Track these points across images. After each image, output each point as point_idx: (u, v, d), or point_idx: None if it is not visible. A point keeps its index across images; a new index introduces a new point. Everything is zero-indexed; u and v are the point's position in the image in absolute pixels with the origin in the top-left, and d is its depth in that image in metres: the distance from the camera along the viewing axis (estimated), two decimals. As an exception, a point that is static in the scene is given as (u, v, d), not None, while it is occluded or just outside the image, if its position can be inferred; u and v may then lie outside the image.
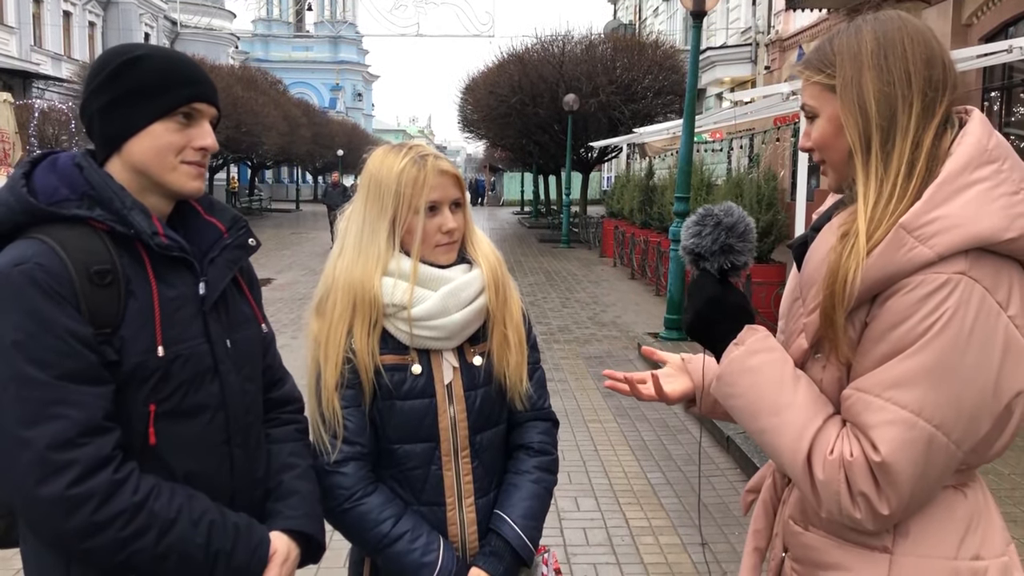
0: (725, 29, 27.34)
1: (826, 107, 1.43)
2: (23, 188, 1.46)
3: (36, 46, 32.38)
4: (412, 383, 1.78)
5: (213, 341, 1.57)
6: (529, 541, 1.83)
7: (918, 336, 1.28)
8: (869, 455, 1.31)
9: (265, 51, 71.78)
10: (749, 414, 1.44)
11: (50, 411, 1.36)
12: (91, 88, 1.52)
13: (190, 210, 1.63)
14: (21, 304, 1.37)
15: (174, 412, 1.50)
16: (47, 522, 1.38)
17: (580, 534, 4.52)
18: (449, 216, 1.79)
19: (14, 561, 4.08)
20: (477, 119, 30.73)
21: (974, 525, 1.39)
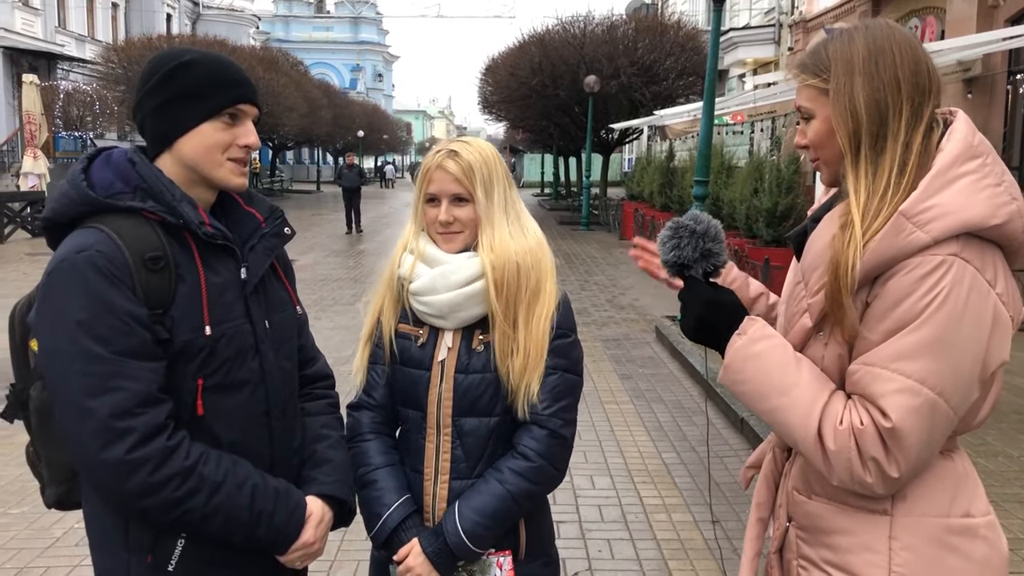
0: (748, 10, 27.12)
1: (821, 109, 1.56)
2: (83, 182, 1.60)
3: (60, 27, 32.64)
4: (412, 352, 1.95)
5: (254, 321, 1.71)
6: (467, 535, 1.84)
7: (919, 312, 1.41)
8: (879, 422, 1.42)
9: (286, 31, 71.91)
10: (759, 396, 1.54)
11: (111, 384, 1.49)
12: (145, 90, 1.64)
13: (231, 201, 1.76)
14: (84, 287, 1.51)
15: (219, 386, 1.64)
16: (108, 483, 1.52)
17: (595, 511, 4.63)
18: (443, 210, 1.91)
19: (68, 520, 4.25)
20: (497, 100, 30.70)
21: (962, 487, 1.53)
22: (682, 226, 1.62)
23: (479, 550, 1.86)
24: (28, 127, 21.27)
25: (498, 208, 1.93)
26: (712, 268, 1.62)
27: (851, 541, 1.53)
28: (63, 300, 1.52)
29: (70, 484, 1.72)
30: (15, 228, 18.05)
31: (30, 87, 21.37)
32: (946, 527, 1.50)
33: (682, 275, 1.64)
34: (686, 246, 1.61)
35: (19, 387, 1.73)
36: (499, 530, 1.88)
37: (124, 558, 1.63)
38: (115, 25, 37.93)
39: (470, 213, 1.91)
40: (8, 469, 5.09)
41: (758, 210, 10.95)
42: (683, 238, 1.62)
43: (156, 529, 1.61)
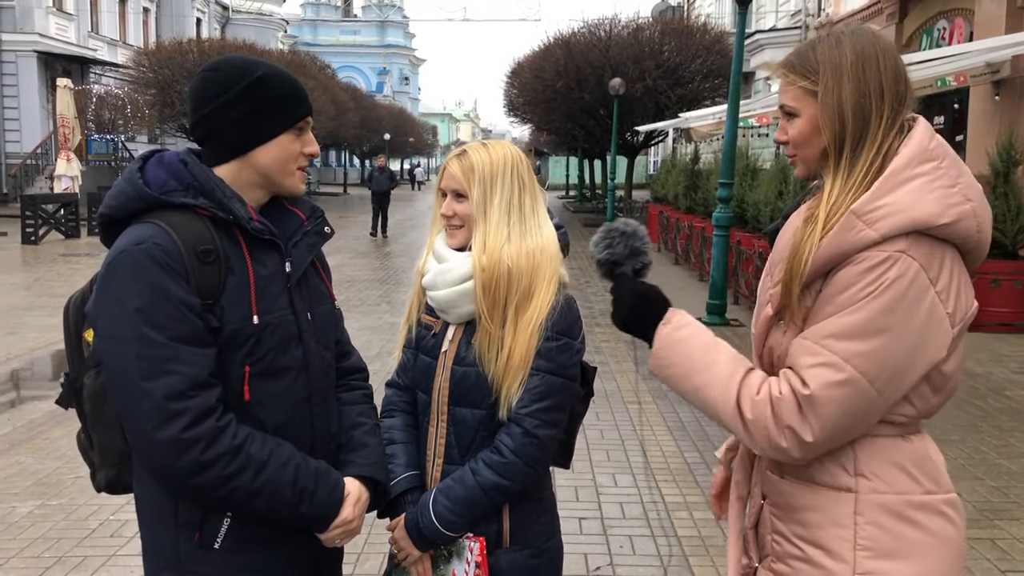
0: (775, 12, 27.01)
1: (806, 109, 1.64)
2: (139, 180, 1.71)
3: (93, 32, 33.18)
4: (426, 342, 2.10)
5: (297, 312, 1.81)
6: (437, 519, 1.96)
7: (858, 299, 1.52)
8: (798, 389, 1.55)
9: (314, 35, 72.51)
10: (684, 376, 1.69)
11: (166, 367, 1.60)
12: (221, 101, 1.73)
13: (276, 200, 1.87)
14: (143, 276, 1.62)
15: (265, 372, 1.74)
16: (162, 461, 1.62)
17: (617, 508, 4.69)
18: (446, 203, 2.04)
19: (104, 512, 4.38)
20: (523, 103, 30.82)
21: (920, 467, 1.63)
22: (613, 228, 1.77)
23: (450, 533, 1.97)
24: (62, 130, 21.66)
25: (498, 209, 1.99)
26: (640, 265, 1.77)
27: (820, 517, 1.63)
28: (122, 288, 1.62)
29: (120, 468, 1.82)
30: (49, 229, 18.38)
31: (64, 91, 21.77)
32: (907, 503, 1.60)
33: (613, 274, 1.78)
34: (617, 244, 1.75)
35: (73, 376, 1.83)
36: (469, 517, 1.97)
37: (174, 535, 1.73)
38: (146, 30, 38.47)
39: (467, 209, 2.01)
40: (47, 462, 5.24)
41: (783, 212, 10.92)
42: (614, 238, 1.76)
43: (204, 508, 1.70)
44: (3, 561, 3.96)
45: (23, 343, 8.71)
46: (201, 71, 1.80)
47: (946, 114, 17.00)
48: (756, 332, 1.73)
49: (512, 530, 2.03)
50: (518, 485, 1.98)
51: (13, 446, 5.61)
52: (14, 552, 4.05)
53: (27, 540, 4.18)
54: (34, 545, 4.13)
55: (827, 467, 1.62)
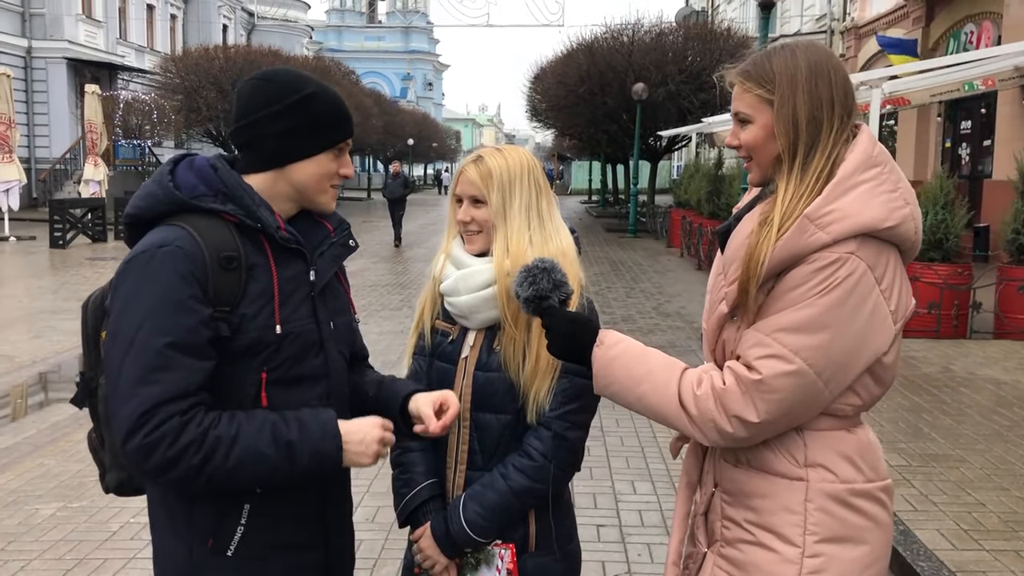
0: (800, 16, 26.86)
1: (760, 116, 1.72)
2: (170, 183, 1.71)
3: (121, 39, 33.62)
4: (443, 348, 2.08)
5: (320, 321, 1.81)
6: (468, 525, 1.96)
7: (808, 296, 1.62)
8: (745, 376, 1.65)
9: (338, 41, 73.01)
10: (625, 390, 1.76)
11: (152, 376, 1.58)
12: (268, 112, 1.73)
13: (305, 212, 1.86)
14: (158, 278, 1.62)
15: (282, 380, 1.73)
16: (132, 465, 1.64)
17: (636, 516, 4.66)
18: (464, 210, 2.04)
19: (125, 514, 4.41)
20: (545, 108, 30.85)
21: (863, 457, 1.75)
22: (532, 267, 1.81)
23: (481, 539, 1.97)
24: (90, 136, 21.96)
25: (519, 213, 2.01)
26: (565, 296, 1.81)
27: (772, 504, 1.73)
28: (136, 287, 1.63)
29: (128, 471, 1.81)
30: (76, 234, 18.62)
31: (92, 97, 22.07)
32: (851, 491, 1.71)
33: (540, 310, 1.81)
34: (540, 279, 1.79)
35: (88, 375, 1.84)
36: (500, 523, 1.97)
37: (187, 542, 1.72)
38: (173, 36, 38.92)
39: (485, 215, 2.01)
40: (69, 464, 5.29)
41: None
42: (536, 275, 1.79)
43: (219, 514, 1.70)
44: (25, 563, 4.00)
45: (49, 346, 8.81)
46: (252, 79, 1.80)
47: (973, 118, 16.81)
48: (709, 328, 1.80)
49: (537, 534, 2.04)
50: (549, 489, 1.98)
51: (37, 448, 5.68)
52: (36, 554, 4.09)
53: (49, 542, 4.22)
54: (56, 547, 4.17)
55: (780, 457, 1.72)
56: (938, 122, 17.83)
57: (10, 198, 19.38)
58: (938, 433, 5.82)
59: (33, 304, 11.31)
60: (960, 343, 8.70)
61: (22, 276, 14.18)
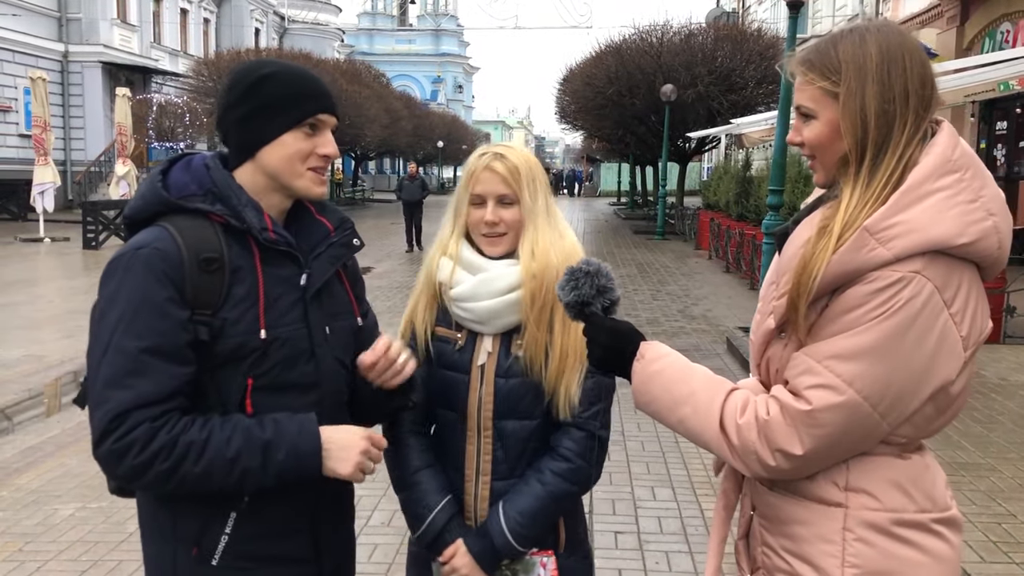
0: (831, 16, 26.53)
1: (825, 111, 1.53)
2: (159, 183, 1.69)
3: (155, 43, 34.04)
4: (452, 356, 1.98)
5: (312, 326, 1.74)
6: (512, 535, 1.90)
7: (865, 321, 1.43)
8: (793, 407, 1.48)
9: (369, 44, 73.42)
10: (666, 410, 1.63)
11: (125, 381, 1.55)
12: (227, 102, 1.72)
13: (304, 209, 1.82)
14: (133, 282, 1.59)
15: (269, 387, 1.68)
16: (105, 471, 1.63)
17: (655, 522, 4.59)
18: (490, 210, 1.93)
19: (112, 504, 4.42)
20: (574, 110, 30.72)
21: (916, 484, 1.56)
22: (576, 270, 1.72)
23: (523, 549, 1.92)
24: (120, 138, 22.24)
25: (541, 212, 1.96)
26: (609, 303, 1.72)
27: (808, 532, 1.57)
28: (115, 290, 1.60)
29: None
30: (109, 235, 18.86)
31: (122, 100, 22.34)
32: (898, 520, 1.53)
33: (583, 315, 1.72)
34: (583, 285, 1.70)
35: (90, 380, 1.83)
36: (541, 529, 1.93)
37: (171, 549, 1.69)
38: (206, 40, 39.34)
39: (516, 215, 1.94)
40: (90, 465, 5.30)
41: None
42: (579, 279, 1.70)
43: (203, 521, 1.66)
44: (42, 563, 4.02)
45: (79, 346, 8.88)
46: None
47: (1009, 119, 16.49)
48: (756, 341, 1.66)
49: (567, 535, 2.02)
50: (584, 490, 1.97)
51: (60, 448, 5.73)
52: (52, 555, 4.11)
53: (66, 543, 4.25)
54: (72, 548, 4.19)
55: (818, 481, 1.56)
56: (972, 123, 17.51)
57: (45, 200, 19.67)
58: (968, 441, 5.69)
59: (65, 304, 11.45)
60: (993, 348, 8.51)
61: (55, 277, 14.38)
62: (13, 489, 4.99)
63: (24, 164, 24.23)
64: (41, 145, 19.62)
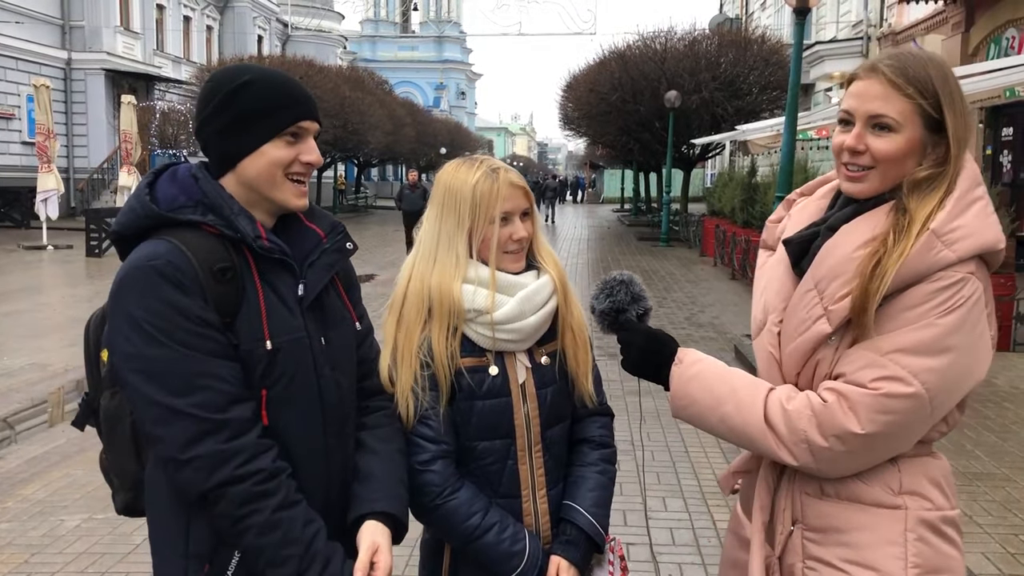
0: (836, 22, 26.50)
1: (910, 127, 1.58)
2: (147, 196, 1.64)
3: (158, 50, 34.07)
4: (490, 383, 1.89)
5: (310, 336, 1.70)
6: (600, 527, 1.94)
7: (929, 315, 1.53)
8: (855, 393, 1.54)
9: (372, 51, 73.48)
10: (707, 410, 1.68)
11: (198, 383, 1.53)
12: (206, 112, 1.66)
13: (293, 217, 1.77)
14: (156, 294, 1.54)
15: (280, 398, 1.65)
16: (198, 476, 1.54)
17: (667, 534, 4.54)
18: (520, 226, 1.91)
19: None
20: (578, 116, 30.73)
21: (948, 482, 1.69)
22: (610, 279, 1.82)
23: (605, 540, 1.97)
24: (124, 145, 22.23)
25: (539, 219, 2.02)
26: (643, 311, 1.80)
27: (871, 537, 1.60)
28: (137, 307, 1.54)
29: (136, 492, 1.75)
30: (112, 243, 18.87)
31: (127, 107, 22.34)
32: (943, 518, 1.63)
33: (617, 324, 1.81)
34: (618, 292, 1.79)
35: (91, 395, 1.79)
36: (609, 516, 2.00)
37: (182, 565, 1.65)
38: (209, 47, 39.36)
39: (531, 227, 1.95)
40: (96, 475, 5.22)
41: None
42: (614, 287, 1.80)
43: (216, 539, 1.62)
44: (48, 575, 3.97)
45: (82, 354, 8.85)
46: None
47: (1015, 125, 16.45)
48: (796, 350, 1.66)
49: None
50: None
51: (65, 458, 5.68)
52: (59, 567, 4.06)
53: (72, 555, 4.20)
54: (79, 560, 4.14)
55: (874, 486, 1.61)
56: (979, 128, 17.47)
57: (49, 207, 19.65)
58: (982, 451, 5.63)
59: (68, 312, 11.42)
60: (1004, 356, 8.46)
61: (58, 285, 14.35)
62: (19, 500, 4.94)
63: (27, 171, 24.22)
64: (44, 152, 19.61)
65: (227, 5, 40.66)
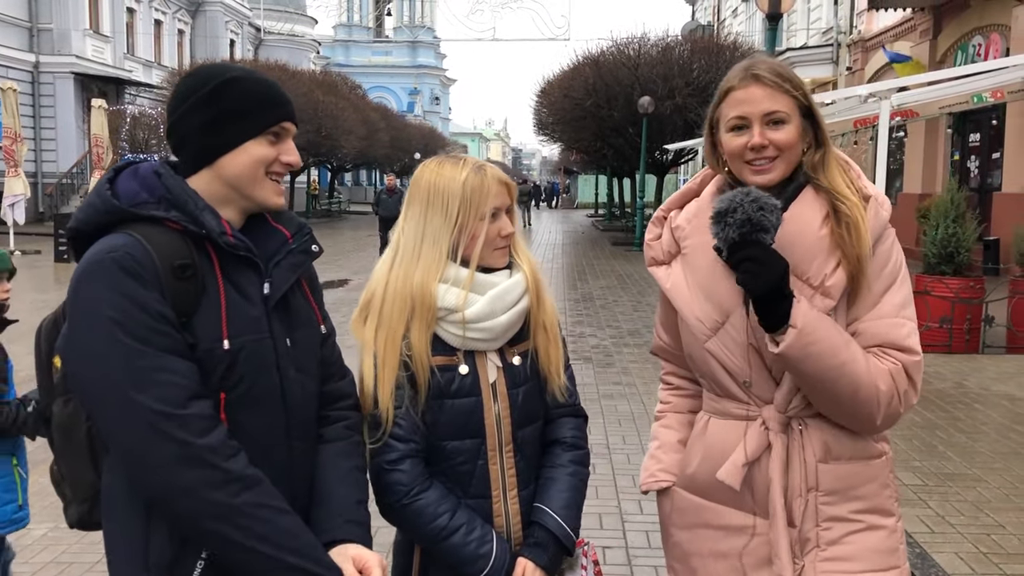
0: (806, 29, 26.81)
1: (795, 117, 1.80)
2: (107, 191, 1.59)
3: (129, 54, 33.74)
4: (460, 382, 1.87)
5: (275, 337, 1.66)
6: (571, 530, 1.92)
7: (900, 269, 1.81)
8: (908, 359, 1.75)
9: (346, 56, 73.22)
10: (830, 353, 1.69)
11: (157, 377, 1.47)
12: (187, 106, 1.63)
13: (259, 217, 1.73)
14: (116, 287, 1.49)
15: (240, 401, 1.59)
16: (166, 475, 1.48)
17: (643, 537, 4.53)
18: (507, 221, 1.92)
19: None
20: (552, 122, 30.82)
21: None
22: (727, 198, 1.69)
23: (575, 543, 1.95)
24: (96, 150, 21.96)
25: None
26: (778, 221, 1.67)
27: (875, 486, 1.83)
28: (96, 299, 1.49)
29: (92, 503, 1.69)
30: (81, 248, 18.62)
31: (98, 111, 22.08)
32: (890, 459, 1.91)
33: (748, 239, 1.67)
34: (746, 206, 1.66)
35: (43, 403, 1.73)
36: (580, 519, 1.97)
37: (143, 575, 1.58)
38: (181, 51, 39.06)
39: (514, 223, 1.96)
40: (63, 483, 5.18)
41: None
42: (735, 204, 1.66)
43: (177, 548, 1.56)
44: (14, 586, 3.89)
45: (50, 361, 8.72)
46: (181, 76, 1.70)
47: (982, 131, 16.70)
48: None
49: None
50: None
51: (33, 467, 5.55)
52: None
53: (39, 564, 4.12)
54: (46, 569, 4.07)
55: (871, 441, 1.83)
56: (947, 134, 17.72)
57: (16, 212, 19.36)
58: (953, 451, 5.68)
59: (34, 319, 11.18)
60: (973, 358, 8.56)
61: (26, 290, 14.12)
62: (-17, 509, 4.83)
63: (-6, 176, 23.87)
64: (11, 156, 19.33)
65: (199, 9, 40.38)
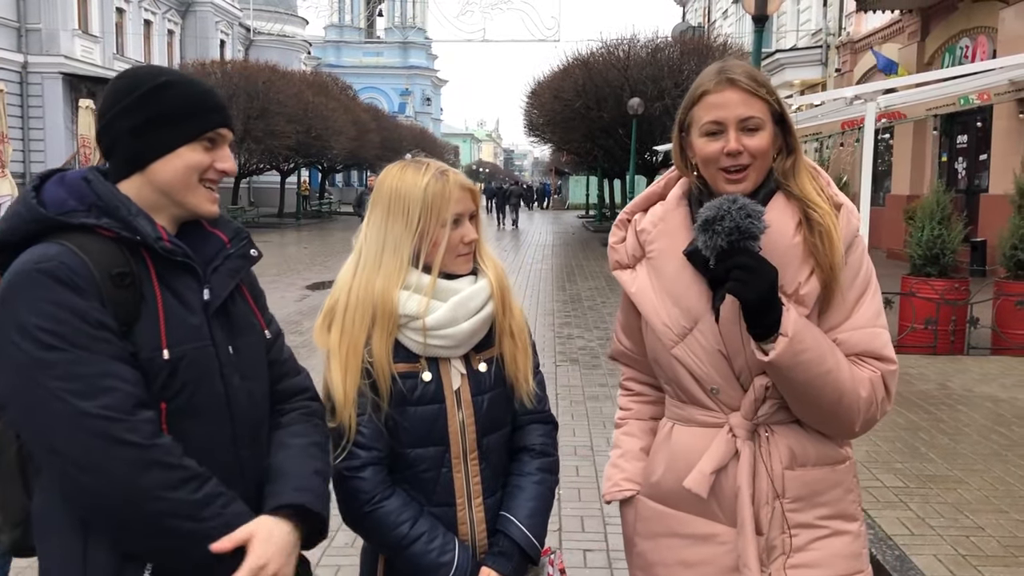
0: (796, 31, 26.89)
1: (768, 123, 1.75)
2: (33, 200, 1.54)
3: (118, 54, 33.60)
4: (423, 389, 1.85)
5: (217, 345, 1.61)
6: (535, 539, 1.89)
7: (871, 278, 1.79)
8: (886, 368, 1.76)
9: (337, 56, 73.14)
10: (818, 360, 1.69)
11: (102, 383, 1.43)
12: (117, 109, 1.58)
13: (195, 223, 1.68)
14: (49, 297, 1.43)
15: (182, 411, 1.55)
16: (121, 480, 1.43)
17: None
18: (470, 227, 1.89)
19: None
20: (543, 123, 30.86)
21: None
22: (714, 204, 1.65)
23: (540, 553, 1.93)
24: (83, 151, 21.86)
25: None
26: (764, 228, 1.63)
27: (840, 491, 1.81)
28: (27, 312, 1.43)
29: (25, 528, 1.61)
30: (69, 249, 18.53)
31: (85, 112, 21.91)
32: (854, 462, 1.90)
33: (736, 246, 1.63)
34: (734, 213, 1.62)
35: None
36: (546, 527, 1.96)
37: None
38: (170, 51, 38.92)
39: (477, 228, 1.94)
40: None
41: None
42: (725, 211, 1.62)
43: (118, 562, 1.49)
44: (-11, 591, 3.86)
45: None
46: (112, 79, 1.65)
47: (970, 133, 16.78)
48: None
49: None
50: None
51: None
52: (2, 581, 3.95)
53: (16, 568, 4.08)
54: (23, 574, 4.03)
55: (837, 446, 1.82)
56: (934, 136, 17.79)
57: (2, 213, 19.29)
58: (935, 453, 5.69)
59: None
60: (957, 359, 8.58)
61: None
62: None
63: (-18, 176, 23.74)
64: (-1, 157, 19.24)
65: (189, 9, 40.23)
